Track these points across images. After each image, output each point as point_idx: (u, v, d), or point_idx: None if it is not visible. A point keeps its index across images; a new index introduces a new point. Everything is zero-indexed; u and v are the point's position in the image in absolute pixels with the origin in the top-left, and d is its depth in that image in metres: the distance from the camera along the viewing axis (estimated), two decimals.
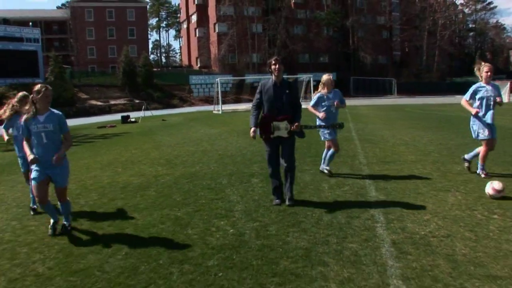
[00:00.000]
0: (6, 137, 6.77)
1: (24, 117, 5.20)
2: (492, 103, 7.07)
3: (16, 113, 6.42)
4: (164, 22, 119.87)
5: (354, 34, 76.93)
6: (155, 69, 65.89)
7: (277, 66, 5.99)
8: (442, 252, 4.12)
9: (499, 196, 5.82)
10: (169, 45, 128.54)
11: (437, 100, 45.44)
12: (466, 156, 7.74)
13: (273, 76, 6.09)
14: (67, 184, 5.44)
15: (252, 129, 6.12)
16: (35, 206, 6.37)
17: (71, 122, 26.90)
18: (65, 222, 5.47)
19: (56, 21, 76.81)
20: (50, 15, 79.79)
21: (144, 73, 56.61)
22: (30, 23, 62.97)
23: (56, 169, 5.20)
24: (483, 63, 7.28)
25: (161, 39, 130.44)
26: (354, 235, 4.71)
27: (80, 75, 58.74)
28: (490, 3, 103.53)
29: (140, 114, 31.12)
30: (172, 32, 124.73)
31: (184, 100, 57.45)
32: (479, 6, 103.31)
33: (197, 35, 75.99)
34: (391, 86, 69.12)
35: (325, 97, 7.76)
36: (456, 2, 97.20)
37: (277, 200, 6.10)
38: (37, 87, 5.15)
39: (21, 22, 65.64)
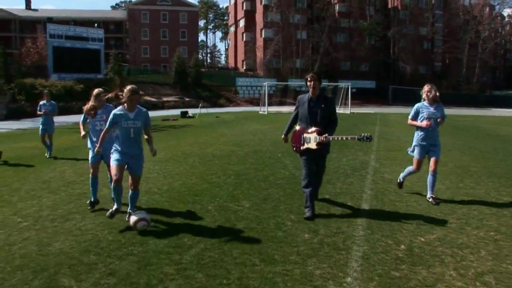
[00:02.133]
0: (83, 132, 7.17)
1: (116, 110, 5.71)
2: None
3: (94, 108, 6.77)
4: (211, 24, 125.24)
5: (395, 44, 78.62)
6: (202, 69, 69.97)
7: (312, 83, 6.05)
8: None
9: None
10: (214, 46, 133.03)
11: (470, 112, 47.70)
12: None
13: (310, 91, 6.17)
14: (141, 174, 5.96)
15: (283, 136, 6.65)
16: (93, 200, 6.64)
17: None
18: (130, 211, 5.78)
19: (113, 21, 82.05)
20: (108, 15, 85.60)
21: (194, 73, 60.78)
22: (95, 24, 68.20)
23: (135, 160, 5.75)
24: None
25: (208, 40, 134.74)
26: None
27: (135, 72, 63.47)
28: None
29: (197, 110, 35.50)
30: (219, 34, 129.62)
31: (230, 100, 61.23)
32: None
33: (244, 39, 79.52)
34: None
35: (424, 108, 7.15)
36: (504, 13, 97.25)
37: (309, 213, 5.97)
38: (126, 90, 5.68)
39: (81, 22, 71.49)
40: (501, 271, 4.23)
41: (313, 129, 6.06)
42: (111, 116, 5.67)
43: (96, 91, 6.95)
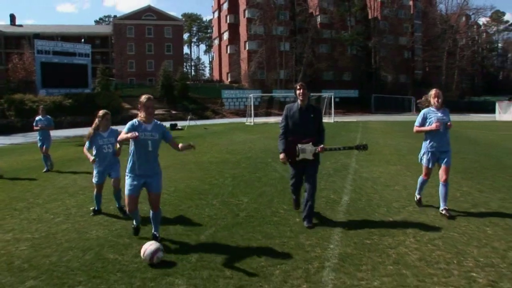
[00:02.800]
0: (91, 158, 7.10)
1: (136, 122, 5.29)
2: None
3: (97, 130, 7.01)
4: (195, 37, 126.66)
5: (376, 53, 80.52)
6: (188, 82, 70.94)
7: (301, 91, 6.04)
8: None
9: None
10: (199, 59, 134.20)
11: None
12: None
13: (299, 100, 6.16)
14: (160, 190, 5.59)
15: (282, 155, 6.27)
16: (96, 209, 7.12)
17: (121, 128, 31.70)
18: (155, 232, 5.56)
19: (99, 36, 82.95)
20: (93, 30, 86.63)
21: (180, 86, 61.71)
22: (82, 40, 68.95)
23: (153, 177, 5.35)
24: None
25: (192, 53, 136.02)
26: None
27: (122, 86, 64.25)
28: None
29: (185, 123, 36.58)
30: (202, 46, 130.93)
31: (217, 112, 62.27)
32: (501, 27, 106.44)
33: (229, 52, 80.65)
34: (410, 104, 72.72)
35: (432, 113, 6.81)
36: (479, 22, 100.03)
37: (308, 224, 6.02)
38: (142, 98, 5.37)
39: (67, 37, 72.23)
40: (448, 237, 5.44)
41: (307, 139, 6.06)
42: (129, 125, 5.20)
43: (102, 112, 7.05)
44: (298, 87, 6.11)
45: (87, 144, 7.12)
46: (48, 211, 7.30)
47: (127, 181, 5.31)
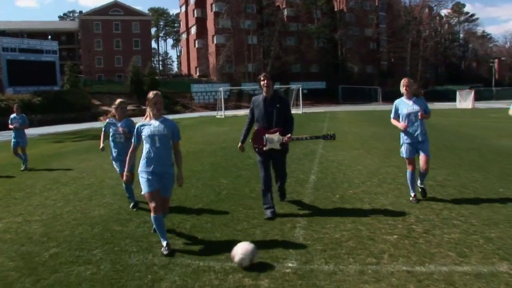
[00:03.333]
0: (101, 145, 7.62)
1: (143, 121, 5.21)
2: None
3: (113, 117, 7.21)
4: (162, 32, 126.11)
5: (342, 45, 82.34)
6: (157, 77, 71.15)
7: (265, 81, 6.04)
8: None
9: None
10: (166, 53, 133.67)
11: None
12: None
13: (263, 92, 6.17)
14: (171, 194, 5.44)
15: (240, 145, 6.57)
16: (134, 203, 7.01)
17: (92, 125, 32.54)
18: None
19: (64, 32, 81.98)
20: (58, 26, 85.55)
21: (150, 81, 61.69)
22: (49, 36, 68.13)
23: (164, 179, 5.13)
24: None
25: (159, 47, 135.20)
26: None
27: (91, 83, 63.98)
28: (472, 15, 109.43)
29: None
30: (170, 41, 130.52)
31: (186, 106, 62.80)
32: (462, 18, 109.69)
33: (197, 46, 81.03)
34: (376, 94, 74.63)
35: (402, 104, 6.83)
36: (442, 14, 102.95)
37: (269, 214, 6.04)
38: (150, 94, 5.13)
39: (31, 33, 71.37)
40: (397, 203, 6.59)
41: (274, 129, 6.09)
42: (134, 131, 5.14)
43: (118, 100, 7.20)
44: (262, 78, 6.13)
45: (103, 127, 7.33)
46: (48, 198, 8.08)
47: (141, 179, 5.07)
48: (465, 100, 49.65)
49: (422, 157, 6.63)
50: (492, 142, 14.00)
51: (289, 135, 6.01)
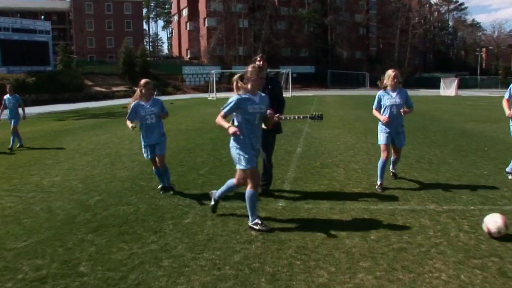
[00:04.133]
0: (131, 124, 6.70)
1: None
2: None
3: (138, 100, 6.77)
4: (153, 13, 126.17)
5: (332, 30, 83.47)
6: (148, 59, 71.92)
7: (261, 62, 6.10)
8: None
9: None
10: (156, 34, 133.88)
11: None
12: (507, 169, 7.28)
13: None
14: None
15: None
16: (162, 185, 6.99)
17: (88, 105, 33.73)
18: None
19: (56, 12, 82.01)
20: (49, 5, 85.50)
21: (141, 63, 62.81)
22: (42, 16, 68.35)
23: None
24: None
25: (150, 29, 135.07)
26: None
27: (83, 63, 64.64)
28: (461, 4, 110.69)
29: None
30: (160, 22, 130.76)
31: (178, 88, 63.86)
32: (451, 6, 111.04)
33: (188, 28, 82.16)
34: (364, 79, 76.18)
35: (386, 96, 6.87)
36: (431, 1, 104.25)
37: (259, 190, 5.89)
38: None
39: (22, 12, 71.75)
40: (368, 168, 8.24)
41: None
42: (234, 101, 5.18)
43: (143, 81, 6.82)
44: (258, 59, 6.23)
45: (128, 114, 6.83)
46: (74, 164, 9.56)
47: (242, 156, 5.20)
48: (448, 88, 51.52)
49: (396, 148, 7.01)
50: (459, 126, 15.77)
51: (278, 114, 5.80)
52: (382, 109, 6.83)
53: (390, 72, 6.83)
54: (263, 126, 5.67)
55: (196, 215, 5.56)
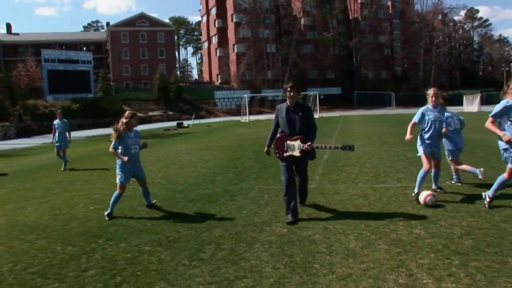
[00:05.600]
0: (125, 157, 7.10)
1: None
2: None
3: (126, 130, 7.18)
4: (183, 40, 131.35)
5: (357, 52, 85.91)
6: (181, 84, 75.81)
7: (291, 93, 6.31)
8: None
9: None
10: (186, 60, 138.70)
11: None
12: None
13: (288, 101, 6.42)
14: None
15: (266, 149, 6.94)
16: (110, 211, 7.07)
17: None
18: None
19: (93, 42, 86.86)
20: (87, 37, 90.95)
21: (175, 88, 66.50)
22: (84, 48, 72.96)
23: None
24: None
25: (180, 55, 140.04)
26: None
27: (120, 90, 68.52)
28: (486, 20, 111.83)
29: (190, 122, 41.68)
30: (189, 49, 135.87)
31: (210, 112, 67.01)
32: (476, 23, 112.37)
33: (218, 55, 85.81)
34: (390, 99, 77.75)
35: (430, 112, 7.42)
36: (455, 19, 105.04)
37: (291, 218, 6.30)
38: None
39: (65, 44, 76.98)
40: (375, 166, 10.66)
41: (296, 136, 6.30)
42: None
43: (130, 112, 7.38)
44: (288, 89, 6.40)
45: (113, 143, 7.14)
46: (151, 170, 12.27)
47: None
48: (471, 104, 53.10)
49: (435, 160, 7.58)
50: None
51: (309, 142, 6.23)
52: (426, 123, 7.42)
53: (430, 91, 7.53)
54: (294, 154, 6.33)
55: (253, 191, 8.17)
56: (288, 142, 6.32)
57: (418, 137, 7.47)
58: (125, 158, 6.98)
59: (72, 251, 5.37)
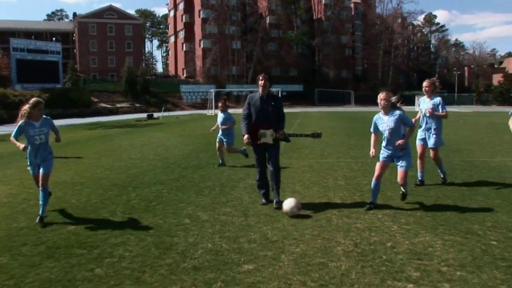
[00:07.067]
0: (22, 145, 6.35)
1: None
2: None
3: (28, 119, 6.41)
4: (148, 32, 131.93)
5: (319, 51, 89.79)
6: (147, 77, 76.79)
7: (263, 82, 6.64)
8: None
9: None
10: (150, 53, 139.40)
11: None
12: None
13: (260, 90, 6.71)
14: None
15: (245, 136, 6.80)
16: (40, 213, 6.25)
17: (98, 119, 38.77)
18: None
19: (59, 32, 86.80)
20: (54, 27, 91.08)
21: (142, 81, 67.88)
22: (54, 38, 72.94)
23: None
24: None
25: (146, 48, 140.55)
26: None
27: (88, 82, 68.55)
28: (442, 25, 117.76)
29: (160, 114, 43.84)
30: (155, 42, 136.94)
31: (176, 105, 68.64)
32: (433, 28, 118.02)
33: (184, 49, 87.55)
34: (349, 97, 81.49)
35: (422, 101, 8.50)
36: (414, 23, 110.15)
37: (264, 201, 6.96)
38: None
39: (29, 33, 77.46)
40: (321, 145, 13.56)
41: (268, 125, 6.66)
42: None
43: (34, 100, 6.53)
44: (261, 78, 6.73)
45: (14, 132, 6.48)
46: (142, 150, 14.81)
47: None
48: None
49: (430, 150, 8.42)
50: None
51: (282, 131, 6.71)
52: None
53: (424, 83, 8.42)
54: (267, 141, 6.73)
55: (229, 162, 10.92)
56: (261, 130, 6.67)
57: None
58: (21, 146, 6.31)
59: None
